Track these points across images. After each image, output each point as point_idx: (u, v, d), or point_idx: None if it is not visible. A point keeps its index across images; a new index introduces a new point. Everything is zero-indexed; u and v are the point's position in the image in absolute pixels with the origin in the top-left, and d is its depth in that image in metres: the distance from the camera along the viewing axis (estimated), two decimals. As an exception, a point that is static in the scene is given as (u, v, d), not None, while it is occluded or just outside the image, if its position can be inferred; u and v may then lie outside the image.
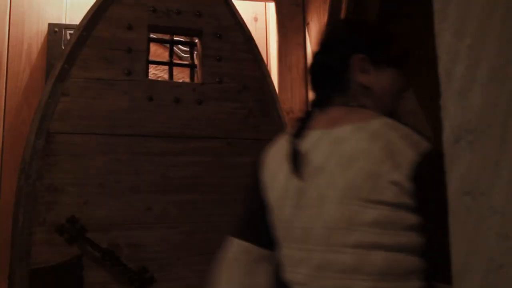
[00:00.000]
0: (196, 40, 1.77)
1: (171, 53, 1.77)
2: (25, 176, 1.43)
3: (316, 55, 0.91)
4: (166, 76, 1.92)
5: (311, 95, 2.01)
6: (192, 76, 1.78)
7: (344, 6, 1.64)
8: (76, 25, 1.59)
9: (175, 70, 1.81)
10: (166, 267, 1.53)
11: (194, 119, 1.65)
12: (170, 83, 1.68)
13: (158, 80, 1.78)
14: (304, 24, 2.04)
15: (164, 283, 1.51)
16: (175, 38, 1.78)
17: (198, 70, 1.74)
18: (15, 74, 1.83)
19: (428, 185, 0.69)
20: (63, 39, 1.87)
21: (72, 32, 1.89)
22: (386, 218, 0.70)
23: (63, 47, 1.87)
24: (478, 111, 0.34)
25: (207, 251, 1.58)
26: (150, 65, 1.70)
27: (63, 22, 1.91)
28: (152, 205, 1.55)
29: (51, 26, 1.88)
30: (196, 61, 1.78)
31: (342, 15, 1.66)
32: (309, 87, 0.96)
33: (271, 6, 2.10)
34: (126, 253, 1.47)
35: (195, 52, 1.80)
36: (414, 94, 1.58)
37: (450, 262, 0.36)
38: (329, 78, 0.87)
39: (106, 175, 1.51)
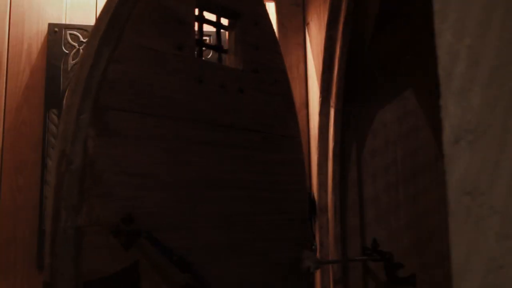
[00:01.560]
0: (226, 23, 1.61)
1: (201, 31, 1.58)
2: (67, 160, 1.08)
3: None
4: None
5: (310, 95, 2.01)
6: (219, 61, 1.62)
7: (344, 6, 1.64)
8: (76, 25, 1.52)
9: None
10: (214, 271, 1.34)
11: (237, 108, 1.49)
12: (217, 65, 1.50)
13: (208, 61, 1.52)
14: (304, 24, 2.04)
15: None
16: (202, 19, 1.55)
17: (233, 55, 1.58)
18: (15, 74, 1.83)
19: None
20: (63, 39, 1.87)
21: (72, 32, 1.90)
22: None
23: (63, 47, 1.87)
24: (478, 111, 0.34)
25: (250, 253, 1.44)
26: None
27: (63, 22, 1.91)
28: (199, 202, 1.33)
29: (51, 26, 1.88)
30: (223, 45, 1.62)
31: (342, 15, 1.65)
32: (309, 87, 0.95)
33: (271, 6, 2.09)
34: (175, 258, 1.23)
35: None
36: (414, 94, 1.58)
37: None
38: None
39: (155, 165, 1.25)
